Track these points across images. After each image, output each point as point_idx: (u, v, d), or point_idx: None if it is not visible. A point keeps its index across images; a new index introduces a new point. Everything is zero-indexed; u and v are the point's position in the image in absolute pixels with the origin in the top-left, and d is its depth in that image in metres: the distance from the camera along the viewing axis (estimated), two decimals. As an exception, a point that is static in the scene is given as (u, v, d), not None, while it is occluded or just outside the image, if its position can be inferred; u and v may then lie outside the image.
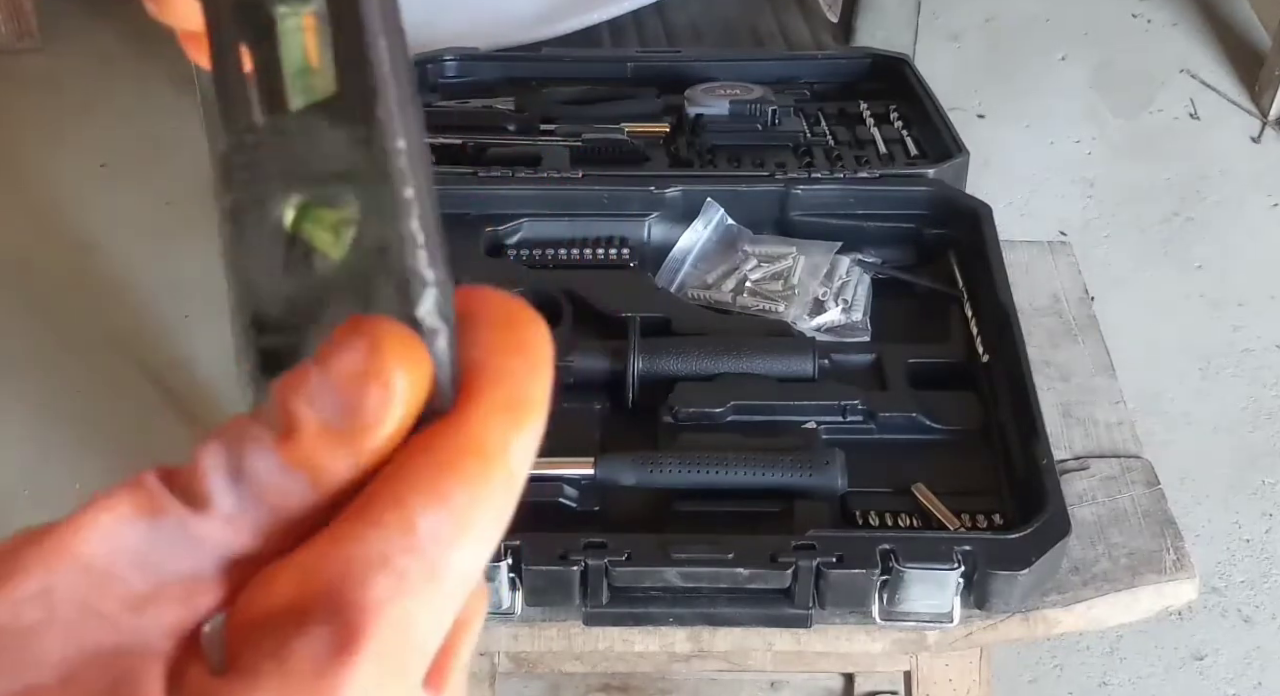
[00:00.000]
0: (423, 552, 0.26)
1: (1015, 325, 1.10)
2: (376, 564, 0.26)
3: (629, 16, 1.71)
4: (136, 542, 0.26)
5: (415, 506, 0.26)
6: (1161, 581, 1.01)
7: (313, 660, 0.25)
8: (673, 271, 1.22)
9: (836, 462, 1.01)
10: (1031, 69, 2.71)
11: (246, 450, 0.26)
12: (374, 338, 0.27)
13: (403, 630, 0.26)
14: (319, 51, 0.29)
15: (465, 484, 0.27)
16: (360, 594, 0.26)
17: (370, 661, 0.25)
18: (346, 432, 0.26)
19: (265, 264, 0.29)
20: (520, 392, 0.29)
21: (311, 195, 0.29)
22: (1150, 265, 2.31)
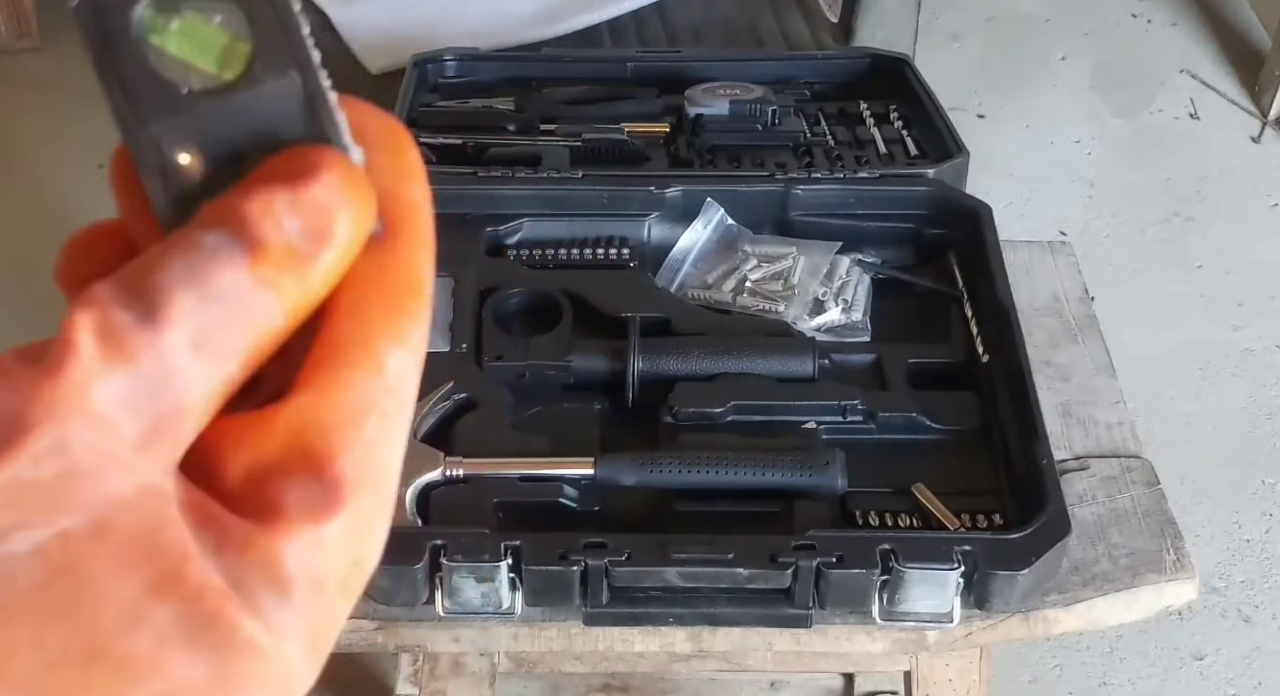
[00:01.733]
0: (396, 392, 0.28)
1: (1015, 325, 1.10)
2: (366, 408, 0.28)
3: (629, 16, 1.71)
4: (123, 389, 0.26)
5: (383, 350, 0.28)
6: (1161, 581, 1.01)
7: (331, 504, 0.27)
8: (673, 271, 1.22)
9: (836, 462, 1.01)
10: (1031, 69, 2.71)
11: (215, 266, 0.27)
12: (338, 168, 0.28)
13: (387, 462, 0.28)
14: None
15: (415, 321, 0.29)
16: (358, 437, 0.27)
17: (368, 494, 0.27)
18: (311, 255, 0.27)
19: (159, 92, 0.29)
20: (428, 223, 0.30)
21: (193, 12, 0.28)
22: (1150, 265, 2.31)
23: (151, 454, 0.26)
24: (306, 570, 0.27)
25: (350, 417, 0.28)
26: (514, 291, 1.16)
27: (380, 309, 0.28)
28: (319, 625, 0.27)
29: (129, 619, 0.25)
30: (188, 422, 0.27)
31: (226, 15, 0.28)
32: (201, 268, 0.27)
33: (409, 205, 0.30)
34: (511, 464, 1.02)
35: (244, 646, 0.26)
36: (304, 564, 0.27)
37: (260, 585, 0.26)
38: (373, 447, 0.28)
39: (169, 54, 0.29)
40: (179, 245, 0.27)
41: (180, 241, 0.27)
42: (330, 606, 0.27)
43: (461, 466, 1.01)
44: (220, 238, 0.27)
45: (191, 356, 0.26)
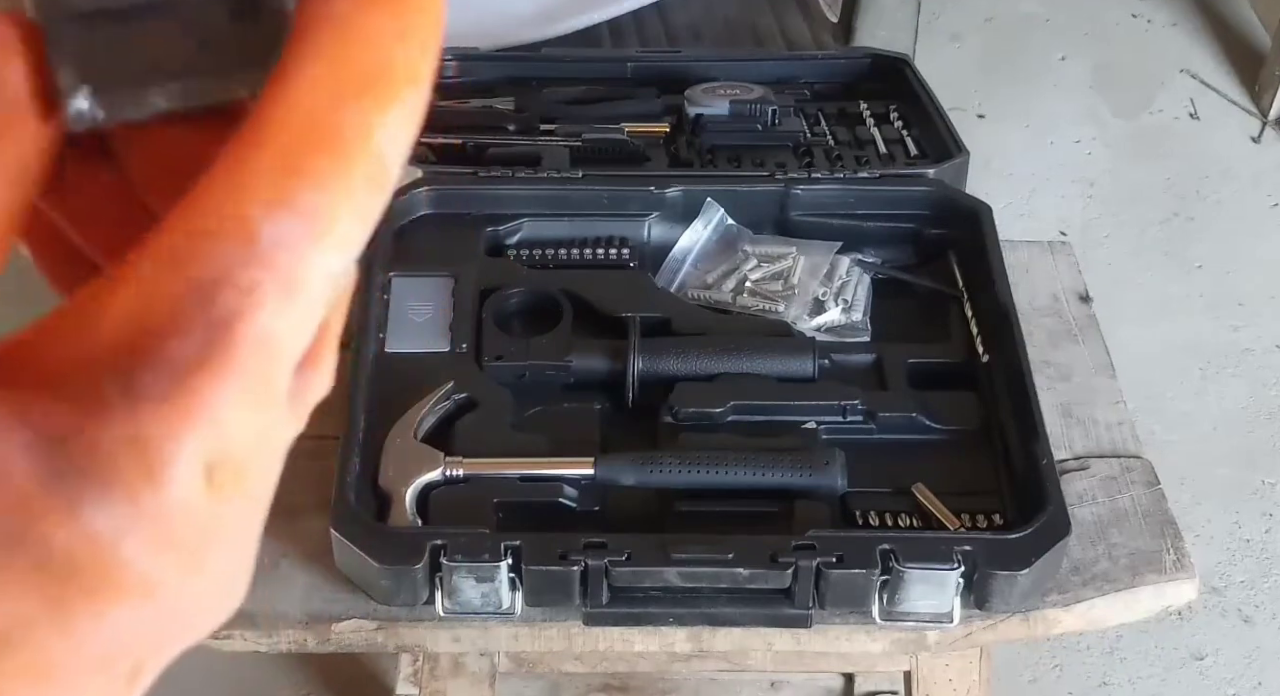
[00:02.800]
0: (272, 264, 0.23)
1: (1015, 325, 1.10)
2: (220, 280, 0.23)
3: (629, 16, 1.71)
4: None
5: (255, 215, 0.23)
6: (1161, 581, 1.01)
7: (169, 384, 0.22)
8: (673, 271, 1.22)
9: (836, 462, 1.01)
10: (1031, 69, 2.71)
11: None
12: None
13: (260, 345, 0.23)
14: None
15: (315, 183, 0.23)
16: (208, 313, 0.23)
17: (229, 381, 0.23)
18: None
19: None
20: (384, 56, 0.24)
21: None
22: (1150, 265, 2.31)
23: None
24: (138, 455, 0.22)
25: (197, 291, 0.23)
26: (514, 291, 1.16)
27: (265, 168, 0.23)
28: (171, 522, 0.23)
29: None
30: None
31: None
32: None
33: (345, 31, 0.24)
34: (511, 464, 1.02)
35: (67, 558, 0.22)
36: (131, 447, 0.22)
37: (77, 482, 0.22)
38: (229, 326, 0.23)
39: None
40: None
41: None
42: (185, 500, 0.23)
43: (461, 466, 1.01)
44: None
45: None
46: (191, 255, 0.23)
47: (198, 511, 0.23)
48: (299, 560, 1.00)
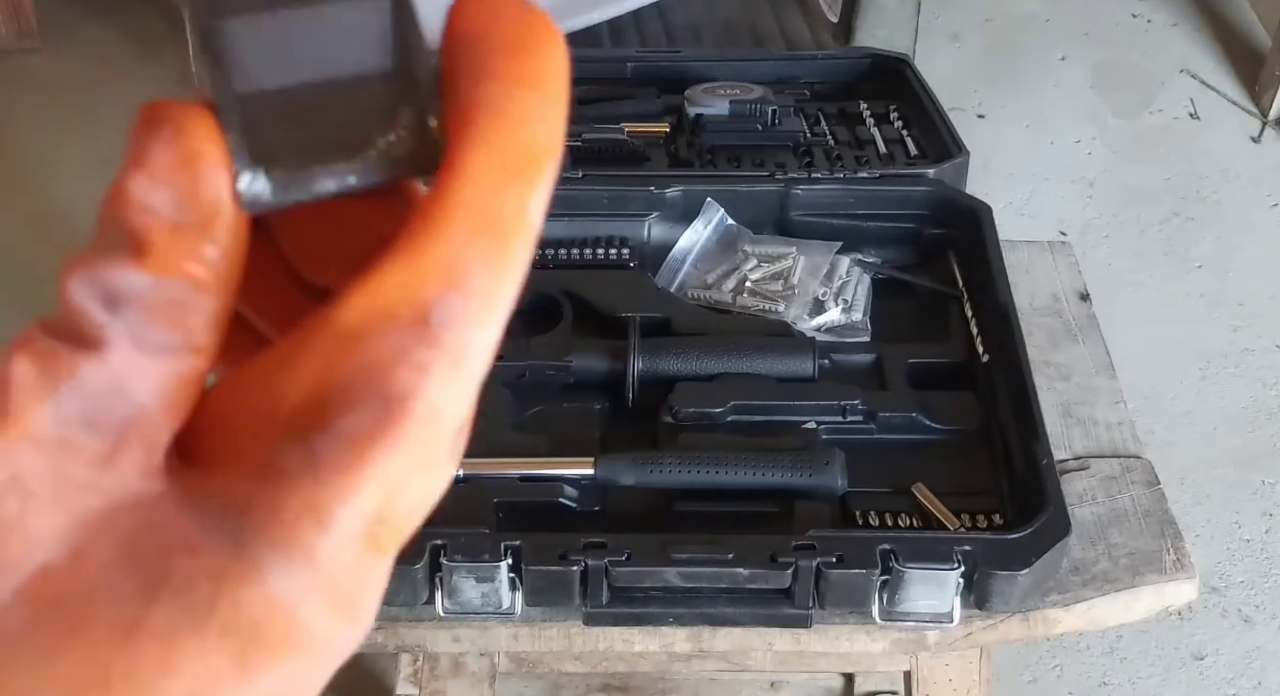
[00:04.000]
0: (443, 343, 0.24)
1: (1015, 325, 1.10)
2: (396, 359, 0.24)
3: (629, 16, 1.71)
4: (71, 406, 0.24)
5: (428, 299, 0.24)
6: (1161, 581, 1.01)
7: (346, 455, 0.24)
8: (673, 271, 1.22)
9: (836, 462, 1.01)
10: (1031, 69, 2.71)
11: (109, 275, 0.25)
12: (173, 114, 0.25)
13: (429, 418, 0.25)
14: None
15: (482, 265, 0.25)
16: (384, 389, 0.24)
17: (400, 450, 0.24)
18: (203, 228, 0.25)
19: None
20: (533, 135, 0.25)
21: None
22: (1150, 265, 2.31)
23: (119, 466, 0.24)
24: (317, 521, 0.24)
25: (372, 370, 0.24)
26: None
27: (436, 252, 0.24)
28: (341, 581, 0.25)
29: (125, 633, 0.24)
30: (151, 421, 0.25)
31: None
32: (102, 283, 0.25)
33: (502, 116, 0.25)
34: (511, 464, 1.02)
35: (253, 620, 0.24)
36: (310, 514, 0.24)
37: (262, 549, 0.24)
38: (403, 404, 0.24)
39: None
40: (75, 265, 0.25)
41: (76, 260, 0.25)
42: (353, 560, 0.25)
43: (461, 466, 1.00)
44: (104, 247, 0.25)
45: (133, 359, 0.25)
46: (369, 335, 0.24)
47: (363, 569, 0.25)
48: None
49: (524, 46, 0.26)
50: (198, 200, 0.25)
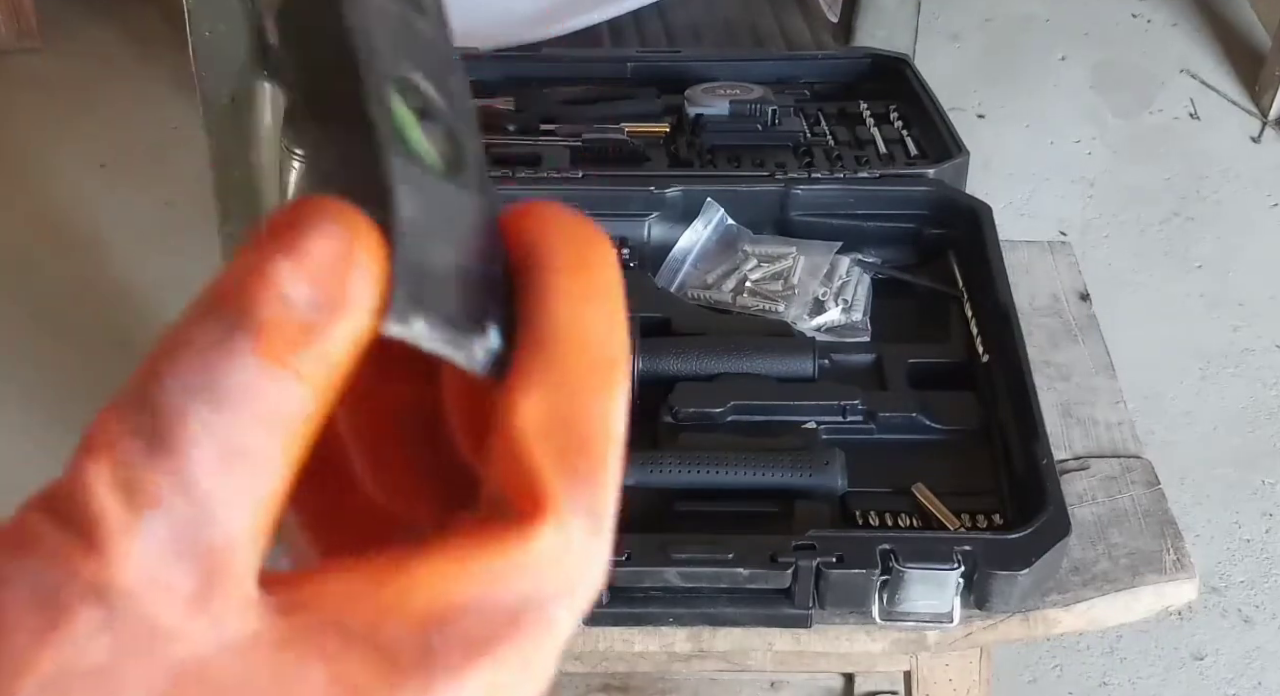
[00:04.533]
0: (564, 565, 0.25)
1: (1015, 325, 1.10)
2: (519, 578, 0.25)
3: (629, 16, 1.71)
4: (158, 539, 0.23)
5: (545, 529, 0.25)
6: (1161, 581, 1.01)
7: (462, 658, 0.24)
8: (673, 271, 1.22)
9: (836, 462, 1.01)
10: (1031, 69, 2.71)
11: (217, 361, 0.23)
12: (342, 219, 0.24)
13: (544, 631, 0.25)
14: None
15: (586, 487, 0.25)
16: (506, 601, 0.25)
17: (513, 657, 0.25)
18: (327, 326, 0.24)
19: None
20: (607, 348, 0.26)
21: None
22: (1150, 265, 2.31)
23: (210, 605, 0.23)
24: None
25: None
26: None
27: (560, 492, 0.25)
28: None
29: None
30: (240, 555, 0.24)
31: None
32: (204, 367, 0.23)
33: (583, 337, 0.26)
34: (511, 464, 1.01)
35: None
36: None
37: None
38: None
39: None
40: (174, 344, 0.24)
41: (174, 338, 0.24)
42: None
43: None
44: (218, 324, 0.24)
45: (222, 475, 0.23)
46: (490, 555, 0.25)
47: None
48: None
49: (586, 263, 0.26)
50: (341, 305, 0.24)
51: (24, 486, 0.27)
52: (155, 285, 2.23)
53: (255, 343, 0.23)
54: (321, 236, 0.24)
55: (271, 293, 0.24)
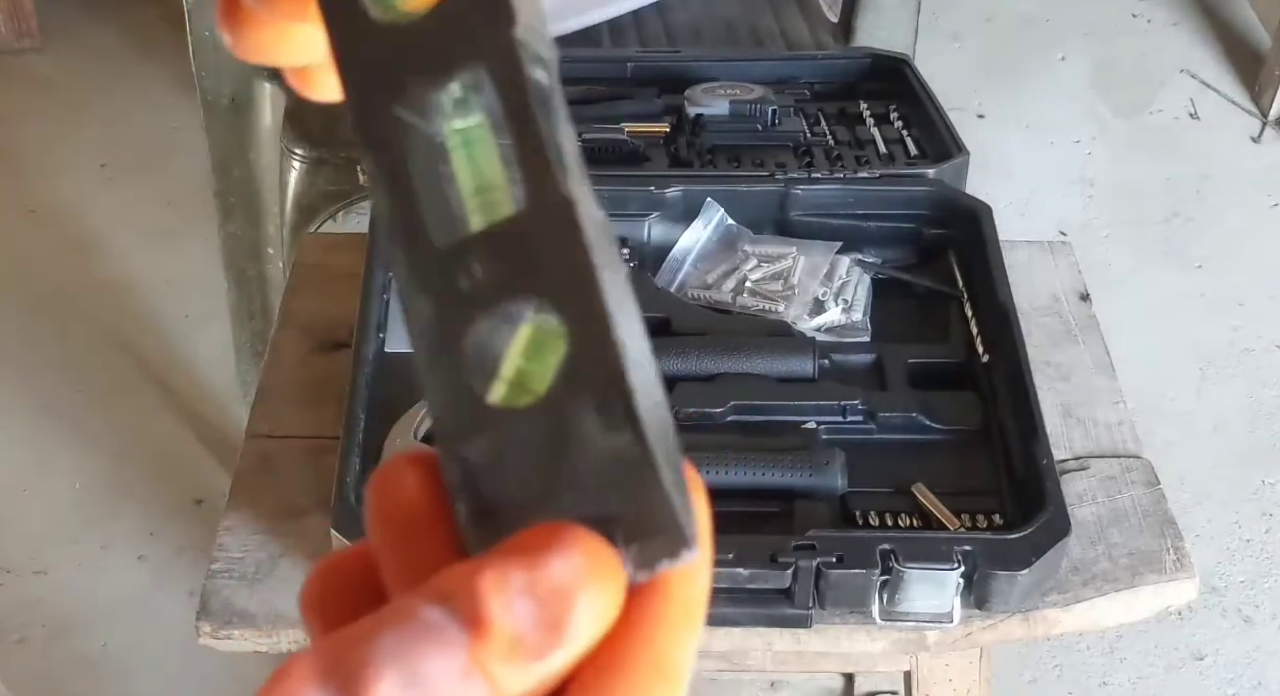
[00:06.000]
0: None
1: (1015, 325, 1.10)
2: None
3: (629, 16, 1.71)
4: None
5: None
6: (1161, 581, 1.01)
7: None
8: (673, 271, 1.22)
9: (836, 462, 1.01)
10: (1031, 69, 2.71)
11: (429, 645, 0.24)
12: (588, 548, 0.25)
13: None
14: (498, 165, 0.27)
15: None
16: None
17: None
18: (540, 649, 0.24)
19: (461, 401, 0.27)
20: (700, 590, 0.27)
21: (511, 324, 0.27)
22: (1150, 265, 2.31)
23: None
24: None
25: None
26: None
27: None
28: None
29: None
30: None
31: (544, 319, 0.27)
32: (414, 644, 0.24)
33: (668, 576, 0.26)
34: (511, 464, 1.01)
35: None
36: None
37: None
38: None
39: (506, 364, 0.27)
40: (397, 615, 0.24)
41: (399, 611, 0.24)
42: None
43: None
44: (442, 613, 0.24)
45: None
46: None
47: None
48: (299, 560, 1.00)
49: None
50: (560, 632, 0.25)
51: (24, 486, 0.27)
52: (155, 285, 2.23)
53: (470, 640, 0.24)
54: (564, 561, 0.25)
55: (501, 598, 0.24)
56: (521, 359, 0.27)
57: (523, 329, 0.27)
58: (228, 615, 0.97)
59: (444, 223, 0.27)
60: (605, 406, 0.26)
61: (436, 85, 0.27)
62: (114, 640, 1.77)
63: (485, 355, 0.27)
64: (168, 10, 2.62)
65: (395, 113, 0.27)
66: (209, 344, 2.09)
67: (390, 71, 0.27)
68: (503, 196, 0.27)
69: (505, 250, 0.27)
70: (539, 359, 0.27)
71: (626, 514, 0.26)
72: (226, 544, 1.01)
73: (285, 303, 1.24)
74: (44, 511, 1.91)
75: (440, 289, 0.27)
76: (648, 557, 0.26)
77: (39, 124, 2.57)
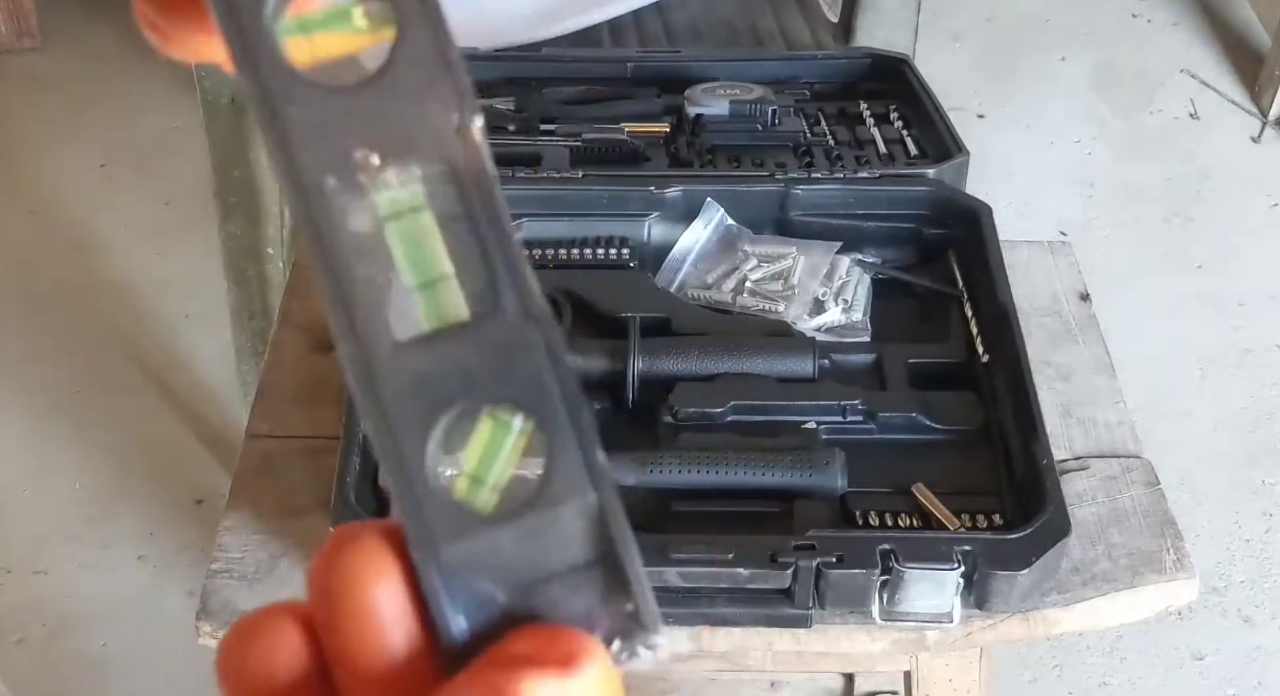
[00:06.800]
0: None
1: (1015, 325, 1.10)
2: None
3: (629, 16, 1.71)
4: None
5: None
6: (1161, 581, 1.01)
7: None
8: (673, 271, 1.22)
9: (836, 462, 1.01)
10: (1031, 69, 2.71)
11: None
12: (601, 664, 0.26)
13: None
14: (444, 259, 0.26)
15: None
16: None
17: None
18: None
19: (448, 522, 0.27)
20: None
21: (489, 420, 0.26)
22: (1150, 265, 2.31)
23: None
24: None
25: None
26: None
27: None
28: None
29: None
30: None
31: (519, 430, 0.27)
32: None
33: None
34: (511, 464, 1.01)
35: None
36: None
37: None
38: None
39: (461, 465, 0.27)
40: None
41: None
42: None
43: (461, 466, 1.00)
44: None
45: None
46: None
47: None
48: (299, 560, 1.00)
49: None
50: None
51: (24, 486, 0.27)
52: (155, 285, 2.23)
53: None
54: (585, 673, 0.26)
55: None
56: (482, 457, 0.27)
57: (482, 424, 0.26)
58: (228, 615, 0.97)
59: (393, 316, 0.26)
60: (595, 518, 0.27)
61: (377, 163, 0.25)
62: (114, 640, 1.77)
63: (447, 453, 0.26)
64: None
65: (328, 188, 0.25)
66: (209, 344, 2.09)
67: (321, 141, 0.25)
68: (453, 296, 0.26)
69: (467, 354, 0.26)
70: (500, 459, 0.26)
71: (609, 615, 0.27)
72: (226, 544, 1.01)
73: (285, 303, 1.24)
74: (44, 511, 1.91)
75: (397, 388, 0.26)
76: (626, 651, 0.27)
77: (39, 124, 2.57)
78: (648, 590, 0.27)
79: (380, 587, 0.26)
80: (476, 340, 0.26)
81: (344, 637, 0.26)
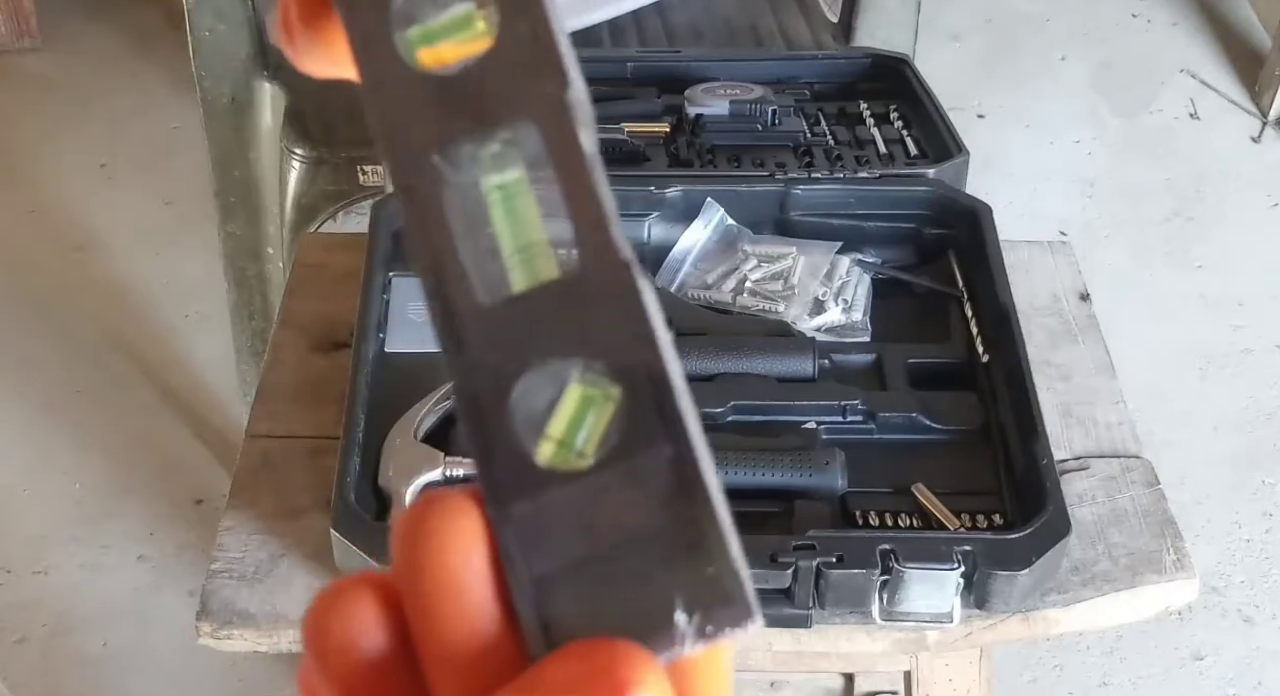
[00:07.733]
0: None
1: (1015, 325, 1.10)
2: None
3: (629, 16, 1.71)
4: None
5: None
6: (1161, 581, 1.01)
7: None
8: (673, 271, 1.22)
9: (836, 462, 1.01)
10: (1031, 69, 2.71)
11: None
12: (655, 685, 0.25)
13: None
14: (539, 224, 0.27)
15: None
16: None
17: None
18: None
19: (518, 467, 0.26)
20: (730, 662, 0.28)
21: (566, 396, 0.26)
22: (1150, 265, 2.31)
23: None
24: None
25: None
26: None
27: None
28: None
29: None
30: None
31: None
32: None
33: None
34: (511, 464, 1.01)
35: None
36: None
37: None
38: None
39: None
40: None
41: None
42: None
43: (462, 466, 1.01)
44: None
45: None
46: None
47: None
48: (299, 560, 1.00)
49: None
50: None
51: (24, 486, 0.27)
52: (155, 285, 2.23)
53: None
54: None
55: None
56: (569, 420, 0.26)
57: (571, 390, 0.26)
58: (228, 615, 0.97)
59: (485, 279, 0.27)
60: (673, 475, 0.26)
61: (478, 138, 0.27)
62: (114, 640, 1.77)
63: (531, 415, 0.26)
64: (168, 10, 2.62)
65: (433, 162, 0.27)
66: (209, 344, 2.09)
67: (428, 120, 0.27)
68: (546, 257, 0.27)
69: (554, 312, 0.26)
70: (588, 421, 0.26)
71: (689, 582, 0.26)
72: (226, 544, 1.01)
73: (285, 303, 1.24)
74: (44, 511, 1.91)
75: (482, 346, 0.26)
76: (709, 627, 0.27)
77: (39, 124, 2.57)
78: (732, 552, 0.26)
79: (473, 556, 0.25)
80: (565, 298, 0.27)
81: (429, 610, 0.25)
